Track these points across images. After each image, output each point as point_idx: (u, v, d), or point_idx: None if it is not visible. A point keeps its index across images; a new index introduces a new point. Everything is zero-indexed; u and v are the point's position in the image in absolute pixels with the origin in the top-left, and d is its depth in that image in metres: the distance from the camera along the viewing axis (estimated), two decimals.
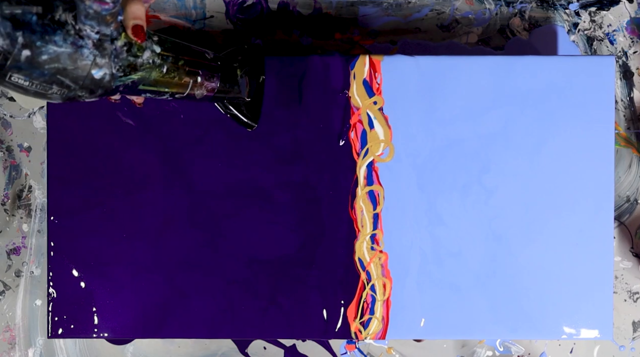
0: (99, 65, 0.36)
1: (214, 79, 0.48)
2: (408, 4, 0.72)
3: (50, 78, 0.34)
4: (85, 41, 0.35)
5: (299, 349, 0.70)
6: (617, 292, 0.71)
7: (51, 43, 0.33)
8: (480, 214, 0.60)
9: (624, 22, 0.72)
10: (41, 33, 0.33)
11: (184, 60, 0.44)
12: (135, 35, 0.38)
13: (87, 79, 0.36)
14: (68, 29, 0.34)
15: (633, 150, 0.71)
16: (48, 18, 0.33)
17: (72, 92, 0.35)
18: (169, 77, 0.43)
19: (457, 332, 0.60)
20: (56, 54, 0.33)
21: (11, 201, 0.72)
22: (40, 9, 0.33)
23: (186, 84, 0.45)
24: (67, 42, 0.34)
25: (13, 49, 0.32)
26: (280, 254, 0.60)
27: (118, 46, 0.37)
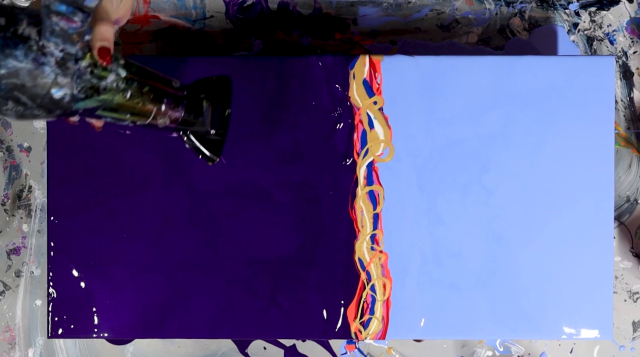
0: (59, 84, 0.34)
1: (179, 108, 0.46)
2: (408, 4, 0.72)
3: (7, 93, 0.32)
4: (47, 58, 0.33)
5: (299, 349, 0.70)
6: (617, 292, 0.71)
7: (11, 57, 0.31)
8: (480, 214, 0.60)
9: (624, 22, 0.72)
10: (1, 46, 0.31)
11: (149, 86, 0.42)
12: (101, 57, 0.37)
13: (45, 97, 0.33)
14: (31, 44, 0.32)
15: (633, 150, 0.71)
16: (10, 31, 0.31)
17: (28, 110, 0.33)
18: (132, 102, 0.41)
19: (457, 332, 0.60)
20: (15, 69, 0.31)
21: (11, 201, 0.72)
22: (4, 20, 0.31)
23: (149, 112, 0.43)
24: (28, 57, 0.32)
25: None
26: (280, 254, 0.60)
27: (82, 66, 0.35)
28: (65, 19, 0.32)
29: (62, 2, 0.31)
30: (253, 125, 0.60)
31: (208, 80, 0.50)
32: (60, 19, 0.32)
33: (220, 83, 0.51)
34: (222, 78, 0.51)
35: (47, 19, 0.32)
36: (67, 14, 0.32)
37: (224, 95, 0.51)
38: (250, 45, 0.72)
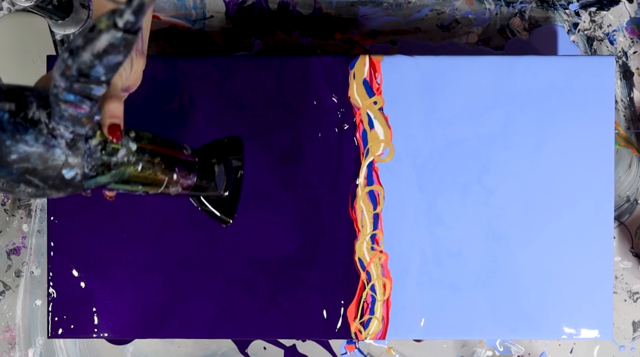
0: (70, 165, 0.33)
1: (191, 175, 0.45)
2: (408, 4, 0.72)
3: (18, 177, 0.32)
4: (58, 141, 0.32)
5: (299, 349, 0.70)
6: (617, 292, 0.71)
7: (22, 142, 0.31)
8: (480, 214, 0.60)
9: (624, 22, 0.72)
10: (12, 132, 0.30)
11: (161, 156, 0.41)
12: (111, 135, 0.36)
13: (57, 178, 0.33)
14: (41, 128, 0.31)
15: (633, 150, 0.71)
16: (20, 116, 0.31)
17: (40, 191, 0.33)
18: (144, 174, 0.40)
19: (457, 332, 0.60)
20: (26, 153, 0.31)
21: (11, 201, 0.72)
22: (14, 105, 0.31)
23: (161, 181, 0.42)
24: (38, 141, 0.31)
25: None
26: (280, 254, 0.60)
27: (92, 145, 0.35)
28: (73, 106, 0.32)
29: (69, 91, 0.31)
30: (253, 125, 0.60)
31: (219, 143, 0.50)
32: (69, 106, 0.31)
33: (232, 144, 0.50)
34: (233, 139, 0.51)
35: (55, 105, 0.31)
36: (75, 102, 0.31)
37: (236, 156, 0.51)
38: (250, 45, 0.72)
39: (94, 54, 0.28)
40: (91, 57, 0.29)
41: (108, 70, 0.30)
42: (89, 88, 0.31)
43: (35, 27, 0.70)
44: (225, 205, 0.51)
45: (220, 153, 0.49)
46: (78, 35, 0.29)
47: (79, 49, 0.29)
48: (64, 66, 0.30)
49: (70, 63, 0.29)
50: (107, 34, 0.28)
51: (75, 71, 0.29)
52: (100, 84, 0.31)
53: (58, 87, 0.31)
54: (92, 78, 0.30)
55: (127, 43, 0.28)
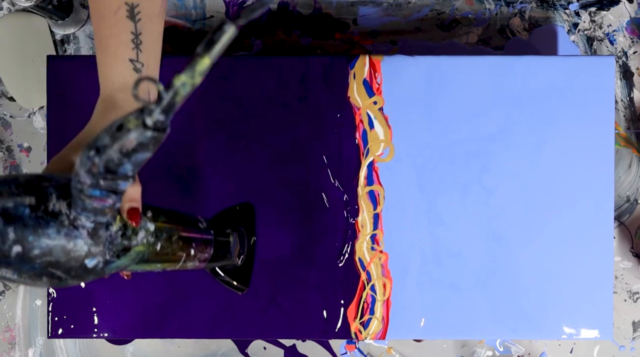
0: (93, 254, 0.33)
1: (207, 249, 0.45)
2: (408, 4, 0.72)
3: (41, 271, 0.31)
4: (79, 231, 0.32)
5: (299, 349, 0.70)
6: (617, 292, 0.71)
7: (44, 236, 0.30)
8: (480, 214, 0.60)
9: (624, 22, 0.72)
10: (34, 226, 0.29)
11: (178, 234, 0.41)
12: (131, 219, 0.36)
13: (79, 268, 0.32)
14: (62, 220, 0.31)
15: (633, 150, 0.71)
16: (41, 209, 0.30)
17: (62, 282, 0.33)
18: (162, 253, 0.40)
19: (457, 332, 0.60)
20: (49, 247, 0.30)
21: None
22: (34, 199, 0.30)
23: (179, 258, 0.42)
24: (60, 234, 0.31)
25: (3, 245, 0.29)
26: (280, 254, 0.60)
27: (113, 232, 0.34)
28: (98, 200, 0.31)
29: (95, 188, 0.30)
30: (253, 125, 0.60)
31: (231, 211, 0.49)
32: (94, 200, 0.31)
33: (244, 211, 0.50)
34: (244, 206, 0.51)
35: (78, 199, 0.31)
36: (101, 197, 0.31)
37: (248, 223, 0.50)
38: (250, 45, 0.72)
39: (122, 153, 0.28)
40: (119, 155, 0.28)
41: (135, 166, 0.29)
42: (115, 184, 0.30)
43: (35, 27, 0.70)
44: (240, 273, 0.50)
45: (233, 222, 0.49)
46: (105, 134, 0.28)
47: (106, 147, 0.28)
48: (90, 164, 0.28)
49: (97, 161, 0.28)
50: (136, 133, 0.27)
51: (102, 168, 0.29)
52: (127, 179, 0.30)
53: (83, 183, 0.30)
54: (120, 174, 0.29)
55: (156, 141, 0.28)
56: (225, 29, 0.25)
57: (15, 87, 0.70)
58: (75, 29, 0.71)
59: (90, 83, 0.60)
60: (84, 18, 0.71)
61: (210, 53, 0.25)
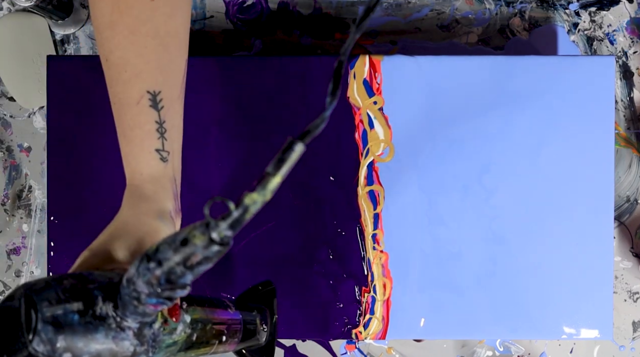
0: (138, 353, 0.32)
1: (237, 334, 0.45)
2: (408, 4, 0.72)
3: None
4: (126, 333, 0.31)
5: (299, 349, 0.70)
6: (617, 292, 0.71)
7: (93, 341, 0.29)
8: (480, 214, 0.60)
9: (624, 22, 0.72)
10: (83, 332, 0.29)
11: (212, 322, 0.41)
12: (172, 315, 0.35)
13: None
14: (109, 323, 0.30)
15: (633, 150, 0.71)
16: (89, 314, 0.29)
17: None
18: (197, 343, 0.40)
19: (457, 332, 0.60)
20: (97, 351, 0.30)
21: (11, 201, 0.72)
22: (82, 305, 0.29)
23: (212, 346, 0.42)
24: (108, 337, 0.30)
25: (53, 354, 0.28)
26: (280, 254, 0.60)
27: (156, 329, 0.33)
28: (153, 306, 0.30)
29: (153, 296, 0.29)
30: (253, 125, 0.60)
31: (254, 291, 0.50)
32: (149, 307, 0.30)
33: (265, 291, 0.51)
34: (266, 285, 0.51)
35: (130, 305, 0.30)
36: (157, 304, 0.30)
37: (270, 302, 0.51)
38: (250, 45, 0.72)
39: (186, 267, 0.27)
40: (183, 269, 0.27)
41: (195, 276, 0.29)
42: (174, 293, 0.29)
43: (35, 27, 0.70)
44: (264, 352, 0.50)
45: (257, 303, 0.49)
46: (167, 247, 0.27)
47: (169, 260, 0.27)
48: (150, 275, 0.28)
49: (159, 273, 0.28)
50: (202, 248, 0.26)
51: (163, 280, 0.28)
52: (185, 288, 0.30)
53: (140, 293, 0.29)
54: (179, 285, 0.29)
55: (221, 254, 0.27)
56: (295, 148, 0.25)
57: (15, 87, 0.70)
58: (75, 29, 0.71)
59: (90, 83, 0.60)
60: (84, 18, 0.71)
61: (281, 171, 0.25)
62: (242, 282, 0.60)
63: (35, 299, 0.29)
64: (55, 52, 0.71)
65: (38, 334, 0.28)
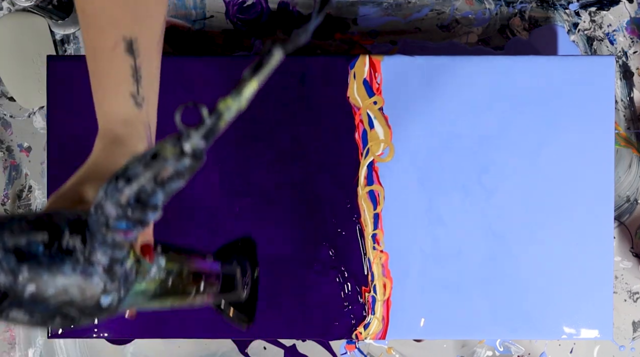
0: (108, 291, 0.31)
1: (215, 284, 0.44)
2: (408, 4, 0.72)
3: (55, 312, 0.29)
4: (95, 268, 0.30)
5: (299, 349, 0.70)
6: (617, 292, 0.71)
7: (59, 274, 0.28)
8: (480, 214, 0.60)
9: (624, 22, 0.72)
10: (48, 264, 0.28)
11: (188, 269, 0.40)
12: (145, 254, 0.35)
13: (94, 307, 0.31)
14: (77, 257, 0.29)
15: (633, 150, 0.71)
16: (55, 246, 0.28)
17: (75, 322, 0.31)
18: (172, 290, 0.39)
19: (457, 332, 0.60)
20: (64, 286, 0.29)
21: (11, 201, 0.72)
22: (47, 235, 0.28)
23: (189, 294, 0.41)
24: (76, 271, 0.29)
25: (16, 285, 0.27)
26: (280, 254, 0.60)
27: (127, 268, 0.32)
28: (123, 233, 0.29)
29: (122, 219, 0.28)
30: (253, 125, 0.60)
31: (234, 245, 0.49)
32: (118, 233, 0.29)
33: (245, 245, 0.50)
34: (246, 240, 0.50)
35: (99, 232, 0.29)
36: (126, 229, 0.29)
37: (251, 257, 0.50)
38: (250, 45, 0.72)
39: (156, 183, 0.27)
40: (153, 185, 0.27)
41: (167, 196, 0.28)
42: (144, 215, 0.29)
43: (35, 27, 0.70)
44: (244, 307, 0.50)
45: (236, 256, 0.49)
46: (137, 163, 0.27)
47: (138, 177, 0.26)
48: (119, 195, 0.27)
49: (128, 192, 0.27)
50: (173, 161, 0.26)
51: (132, 200, 0.27)
52: (156, 210, 0.29)
53: (108, 216, 0.28)
54: (150, 205, 0.28)
55: (192, 170, 0.26)
56: (274, 53, 0.24)
57: (15, 87, 0.71)
58: (75, 29, 0.71)
59: (90, 83, 0.60)
60: None
61: (258, 76, 0.24)
62: None
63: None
64: (55, 52, 0.71)
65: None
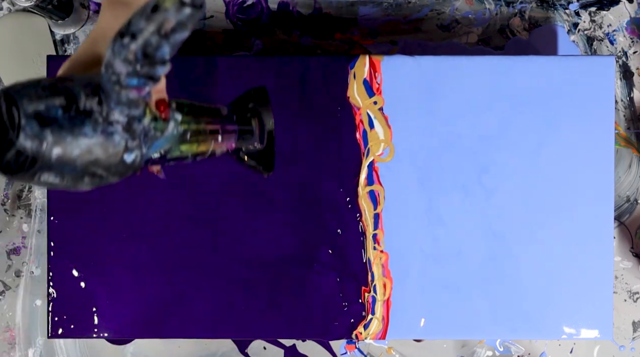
0: (130, 148, 0.33)
1: (232, 134, 0.46)
2: (408, 4, 0.72)
3: (83, 171, 0.31)
4: (115, 127, 0.32)
5: (299, 349, 0.70)
6: (617, 292, 0.71)
7: (81, 136, 0.30)
8: (480, 214, 0.60)
9: (624, 22, 0.72)
10: (70, 127, 0.29)
11: (204, 122, 0.42)
12: (160, 110, 0.36)
13: (119, 165, 0.33)
14: (96, 118, 0.31)
15: (633, 150, 0.71)
16: (73, 109, 0.30)
17: (103, 180, 0.33)
18: (191, 143, 0.41)
19: (457, 332, 0.60)
20: (88, 146, 0.30)
21: (11, 201, 0.72)
22: (63, 99, 0.30)
23: (208, 146, 0.43)
24: (97, 131, 0.31)
25: (42, 149, 0.29)
26: (280, 254, 0.60)
27: (145, 125, 0.34)
28: (136, 90, 0.31)
29: (133, 76, 0.30)
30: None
31: (247, 96, 0.50)
32: (131, 91, 0.31)
33: (259, 95, 0.51)
34: (259, 90, 0.51)
35: (113, 92, 0.31)
36: (138, 86, 0.31)
37: (265, 106, 0.51)
38: (250, 45, 0.72)
39: (161, 35, 0.28)
40: (158, 38, 0.28)
41: (173, 48, 0.29)
42: (153, 70, 0.30)
43: (35, 27, 0.70)
44: (263, 157, 0.51)
45: (251, 107, 0.50)
46: (138, 17, 0.28)
47: (142, 31, 0.28)
48: (126, 51, 0.28)
49: (134, 47, 0.28)
50: (173, 11, 0.26)
51: (139, 55, 0.29)
52: (165, 64, 0.30)
53: (119, 74, 0.30)
54: (157, 59, 0.29)
55: (194, 19, 0.27)
56: None
57: None
58: (75, 29, 0.71)
59: None
60: (84, 18, 0.71)
61: None
62: (242, 283, 0.60)
63: (15, 96, 0.29)
64: (55, 52, 0.71)
65: (23, 130, 0.28)
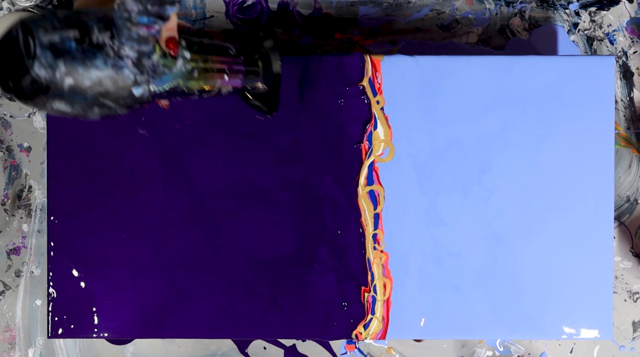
0: (139, 82, 0.35)
1: (239, 74, 0.48)
2: (408, 4, 0.72)
3: (93, 101, 0.34)
4: (125, 61, 0.34)
5: (299, 349, 0.70)
6: (617, 292, 0.71)
7: (93, 67, 0.32)
8: (480, 214, 0.60)
9: (624, 22, 0.72)
10: (82, 58, 0.32)
11: (212, 61, 0.44)
12: (170, 48, 0.38)
13: (128, 98, 0.35)
14: (107, 51, 0.33)
15: (633, 150, 0.71)
16: (86, 42, 0.32)
17: (112, 111, 0.35)
18: (198, 80, 0.43)
19: (457, 332, 0.60)
20: (98, 78, 0.33)
21: (11, 201, 0.72)
22: (77, 32, 0.32)
23: (214, 84, 0.45)
24: (107, 64, 0.33)
25: (55, 78, 0.31)
26: (280, 254, 0.60)
27: (154, 61, 0.37)
28: (146, 27, 0.33)
29: (143, 14, 0.32)
30: (253, 125, 0.60)
31: (256, 36, 0.51)
32: (141, 28, 0.33)
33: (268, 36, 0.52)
34: (268, 31, 0.52)
35: (124, 28, 0.33)
36: (149, 24, 0.33)
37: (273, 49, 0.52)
38: None
39: None
40: None
41: None
42: (163, 9, 0.32)
43: None
44: (268, 98, 0.52)
45: (259, 47, 0.51)
46: None
47: None
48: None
49: None
50: None
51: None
52: (174, 4, 0.32)
53: (130, 12, 0.32)
54: None
55: None
56: None
57: None
58: None
59: None
60: None
61: None
62: (242, 283, 0.60)
63: (32, 26, 0.31)
64: None
65: (38, 59, 0.31)
